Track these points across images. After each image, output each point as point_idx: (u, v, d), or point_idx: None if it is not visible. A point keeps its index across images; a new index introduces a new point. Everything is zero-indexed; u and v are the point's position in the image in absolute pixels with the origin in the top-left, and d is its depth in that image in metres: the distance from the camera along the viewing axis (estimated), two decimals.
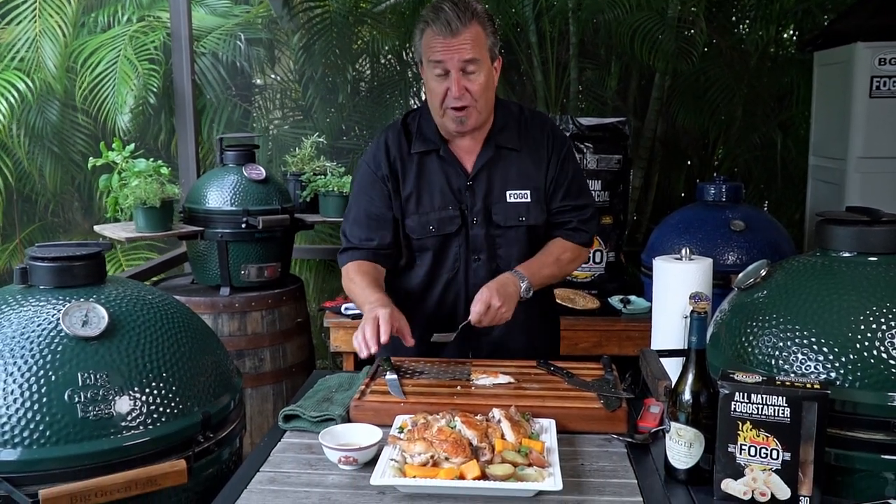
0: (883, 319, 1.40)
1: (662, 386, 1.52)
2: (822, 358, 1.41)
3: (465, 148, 2.09)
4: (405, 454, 1.47)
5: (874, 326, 1.39)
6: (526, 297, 2.00)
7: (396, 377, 1.82)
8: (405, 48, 4.33)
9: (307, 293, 3.65)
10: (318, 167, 3.55)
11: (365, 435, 1.56)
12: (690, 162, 4.36)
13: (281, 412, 1.74)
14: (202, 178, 3.39)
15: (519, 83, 4.32)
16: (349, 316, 3.19)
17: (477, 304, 1.92)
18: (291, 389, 3.20)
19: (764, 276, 1.62)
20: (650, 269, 2.19)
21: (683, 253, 1.90)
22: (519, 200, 2.08)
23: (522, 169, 2.09)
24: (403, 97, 4.39)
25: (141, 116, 4.22)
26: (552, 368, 1.90)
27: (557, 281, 2.21)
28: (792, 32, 4.32)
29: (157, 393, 1.51)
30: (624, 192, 3.63)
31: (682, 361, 1.49)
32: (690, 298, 1.80)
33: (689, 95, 4.22)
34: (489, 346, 2.11)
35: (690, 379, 1.43)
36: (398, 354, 2.01)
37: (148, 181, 2.99)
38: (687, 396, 1.43)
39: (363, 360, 1.85)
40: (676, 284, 1.84)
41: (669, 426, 1.46)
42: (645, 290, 3.45)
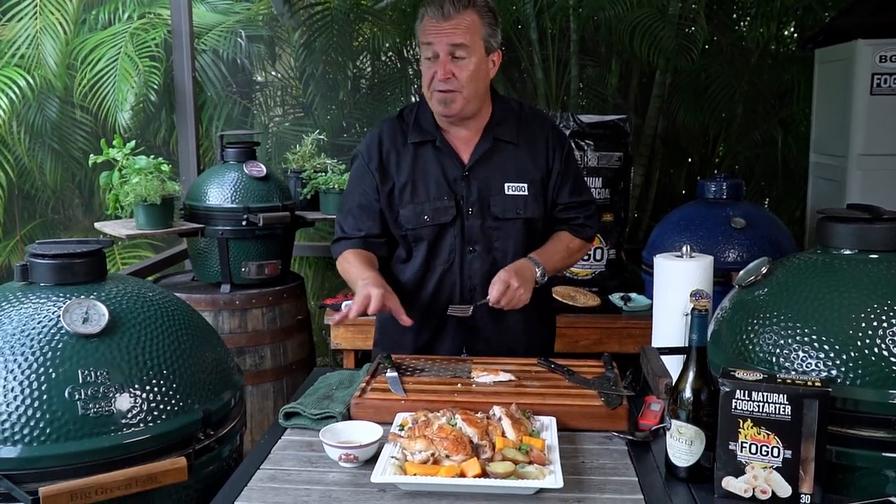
0: (884, 317, 1.40)
1: (663, 383, 1.51)
2: (823, 355, 1.41)
3: (461, 139, 2.09)
4: (406, 452, 1.47)
5: (875, 324, 1.39)
6: (541, 282, 2.02)
7: (397, 374, 1.82)
8: (406, 45, 4.33)
9: (308, 290, 3.65)
10: (318, 164, 3.55)
11: (365, 432, 1.56)
12: (691, 159, 4.36)
13: (281, 410, 1.74)
14: (203, 175, 3.39)
15: (519, 80, 4.32)
16: None
17: (496, 283, 1.93)
18: (292, 387, 3.20)
19: (765, 273, 1.62)
20: (651, 266, 2.19)
21: (684, 250, 1.89)
22: (517, 193, 2.08)
23: (520, 162, 2.09)
24: (404, 94, 4.38)
25: (141, 113, 4.21)
26: (553, 366, 1.90)
27: (565, 271, 2.22)
28: (793, 29, 4.31)
29: (157, 390, 1.50)
30: (625, 189, 3.63)
31: (682, 359, 1.49)
32: (691, 296, 1.80)
33: (689, 93, 4.22)
34: (485, 342, 2.12)
35: (691, 376, 1.43)
36: (398, 352, 2.00)
37: (148, 178, 2.99)
38: (688, 394, 1.43)
39: (363, 357, 1.85)
40: (677, 282, 1.84)
41: (670, 424, 1.46)
42: (646, 287, 3.45)
